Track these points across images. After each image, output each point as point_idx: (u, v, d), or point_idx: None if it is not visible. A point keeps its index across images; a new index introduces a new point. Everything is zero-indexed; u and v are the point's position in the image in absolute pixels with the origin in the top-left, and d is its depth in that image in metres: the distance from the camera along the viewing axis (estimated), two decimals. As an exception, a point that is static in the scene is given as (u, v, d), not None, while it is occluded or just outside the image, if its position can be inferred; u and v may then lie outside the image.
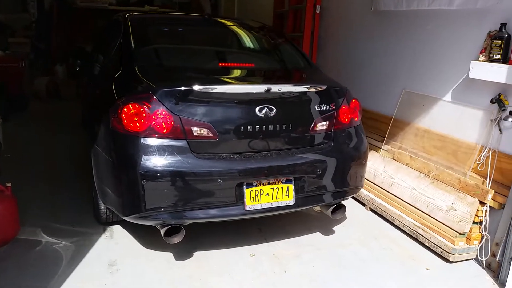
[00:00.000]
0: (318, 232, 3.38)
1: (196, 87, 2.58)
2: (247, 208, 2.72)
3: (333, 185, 2.99)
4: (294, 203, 2.85)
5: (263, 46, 3.95)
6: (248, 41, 3.76)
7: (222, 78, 3.03)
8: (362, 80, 4.54)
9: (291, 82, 3.21)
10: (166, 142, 2.57)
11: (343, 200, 3.16)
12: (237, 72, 3.26)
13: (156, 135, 2.56)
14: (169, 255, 2.95)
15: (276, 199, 2.79)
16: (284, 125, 2.81)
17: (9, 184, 3.02)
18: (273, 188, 2.77)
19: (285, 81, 3.25)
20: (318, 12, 5.30)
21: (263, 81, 3.11)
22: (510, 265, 2.74)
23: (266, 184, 2.76)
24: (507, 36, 2.95)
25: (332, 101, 3.02)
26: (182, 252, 2.97)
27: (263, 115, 2.72)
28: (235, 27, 3.88)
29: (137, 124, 2.56)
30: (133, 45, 3.15)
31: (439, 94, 3.60)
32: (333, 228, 3.45)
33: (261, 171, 2.74)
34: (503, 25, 2.98)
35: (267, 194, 2.76)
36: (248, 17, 6.59)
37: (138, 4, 9.32)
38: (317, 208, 3.25)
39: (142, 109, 2.56)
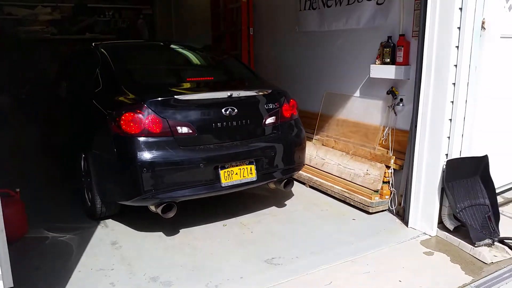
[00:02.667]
0: (273, 206, 4.31)
1: (177, 96, 3.42)
2: (223, 185, 3.54)
3: (283, 163, 3.90)
4: (256, 179, 3.71)
5: (216, 62, 4.86)
6: (203, 60, 4.66)
7: (193, 89, 3.87)
8: (293, 86, 5.52)
9: (246, 88, 4.02)
10: (158, 139, 3.32)
11: (292, 175, 4.07)
12: (202, 84, 4.09)
13: (150, 135, 3.31)
14: (159, 233, 3.69)
15: (243, 176, 3.63)
16: (243, 121, 3.68)
17: (18, 190, 3.62)
18: (240, 169, 3.62)
19: (241, 88, 4.03)
20: (251, 33, 6.31)
21: (225, 89, 3.79)
22: (409, 209, 3.83)
23: (235, 166, 3.60)
24: (393, 45, 4.11)
25: (276, 101, 3.94)
26: (170, 230, 3.72)
27: (228, 114, 3.57)
28: (190, 49, 4.74)
29: (133, 128, 3.29)
30: (113, 67, 3.88)
31: (351, 92, 4.73)
32: (284, 202, 4.40)
33: (230, 156, 3.57)
34: (389, 37, 4.15)
35: (236, 174, 3.59)
36: (193, 40, 7.45)
37: (79, 32, 9.79)
38: (272, 185, 4.10)
39: (136, 116, 3.30)
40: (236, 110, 3.61)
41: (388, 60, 4.13)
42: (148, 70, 4.24)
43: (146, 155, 3.28)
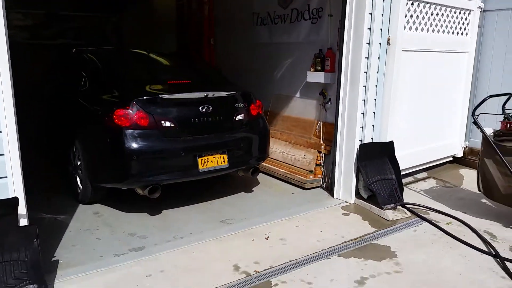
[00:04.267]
0: (232, 187, 5.22)
1: (162, 95, 4.10)
2: (200, 171, 4.18)
3: (251, 153, 4.66)
4: (228, 166, 4.37)
5: (192, 67, 5.55)
6: (181, 65, 5.44)
7: (175, 89, 4.44)
8: (249, 89, 6.53)
9: (219, 89, 4.58)
10: (145, 131, 3.92)
11: (258, 163, 4.86)
12: (182, 86, 4.66)
13: (138, 127, 3.90)
14: (134, 207, 4.50)
15: (217, 164, 4.29)
16: (217, 117, 4.32)
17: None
18: (215, 157, 4.27)
19: (215, 89, 4.53)
20: (212, 43, 7.24)
21: (201, 90, 4.32)
22: (334, 183, 4.87)
23: (210, 155, 4.24)
24: (323, 56, 5.17)
25: (245, 101, 4.62)
26: (144, 206, 4.47)
27: (204, 111, 4.21)
28: (168, 56, 5.53)
29: (124, 121, 3.87)
30: (103, 70, 4.57)
31: (293, 93, 5.77)
32: (240, 184, 5.33)
33: (206, 146, 4.22)
34: (320, 50, 5.22)
35: (211, 161, 4.25)
36: (159, 47, 8.28)
37: (51, 38, 10.40)
38: (241, 173, 4.74)
39: (126, 112, 3.89)
40: (211, 108, 4.25)
41: (320, 68, 5.18)
42: (134, 73, 4.85)
43: (135, 144, 3.88)
